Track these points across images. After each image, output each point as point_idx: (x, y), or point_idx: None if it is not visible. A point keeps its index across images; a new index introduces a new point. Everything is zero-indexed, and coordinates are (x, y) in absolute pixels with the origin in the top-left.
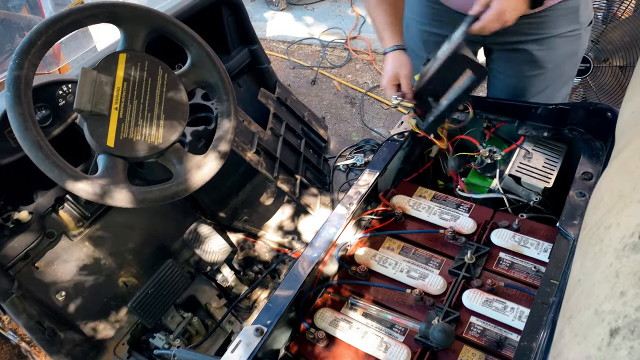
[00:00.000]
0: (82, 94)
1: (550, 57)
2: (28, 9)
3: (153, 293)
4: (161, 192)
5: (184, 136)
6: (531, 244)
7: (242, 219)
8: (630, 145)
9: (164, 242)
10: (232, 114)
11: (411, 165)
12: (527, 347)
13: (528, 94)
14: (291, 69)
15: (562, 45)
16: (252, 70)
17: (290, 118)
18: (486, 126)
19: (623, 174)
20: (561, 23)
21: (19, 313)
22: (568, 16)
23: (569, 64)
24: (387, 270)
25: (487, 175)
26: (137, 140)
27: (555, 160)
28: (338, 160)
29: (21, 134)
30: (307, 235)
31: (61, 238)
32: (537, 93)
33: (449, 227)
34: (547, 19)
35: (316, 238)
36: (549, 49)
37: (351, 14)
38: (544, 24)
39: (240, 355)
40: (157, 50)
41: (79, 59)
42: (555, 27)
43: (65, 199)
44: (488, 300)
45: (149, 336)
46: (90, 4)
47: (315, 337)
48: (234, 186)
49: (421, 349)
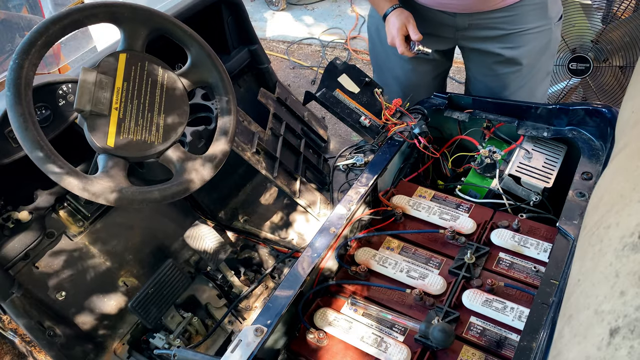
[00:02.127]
0: (82, 94)
1: (522, 54)
2: (28, 9)
3: (153, 293)
4: (161, 192)
5: (184, 136)
6: (531, 244)
7: (242, 219)
8: (630, 145)
9: (164, 242)
10: (232, 113)
11: (411, 165)
12: (527, 347)
13: (507, 92)
14: (291, 69)
15: (533, 40)
16: (252, 70)
17: (290, 118)
18: (486, 126)
19: (623, 174)
20: (530, 19)
21: (19, 313)
22: (536, 11)
23: (543, 59)
24: (387, 270)
25: (487, 175)
26: (137, 140)
27: (555, 160)
28: (338, 160)
29: (21, 134)
30: (307, 235)
31: (61, 238)
32: (516, 90)
33: (448, 227)
34: (515, 16)
35: (316, 238)
36: (520, 45)
37: (351, 13)
38: (513, 20)
39: (240, 355)
40: (157, 50)
41: (79, 59)
42: (524, 22)
43: (65, 199)
44: (488, 300)
45: (149, 336)
46: (90, 3)
47: (315, 337)
48: (234, 186)
49: (421, 348)
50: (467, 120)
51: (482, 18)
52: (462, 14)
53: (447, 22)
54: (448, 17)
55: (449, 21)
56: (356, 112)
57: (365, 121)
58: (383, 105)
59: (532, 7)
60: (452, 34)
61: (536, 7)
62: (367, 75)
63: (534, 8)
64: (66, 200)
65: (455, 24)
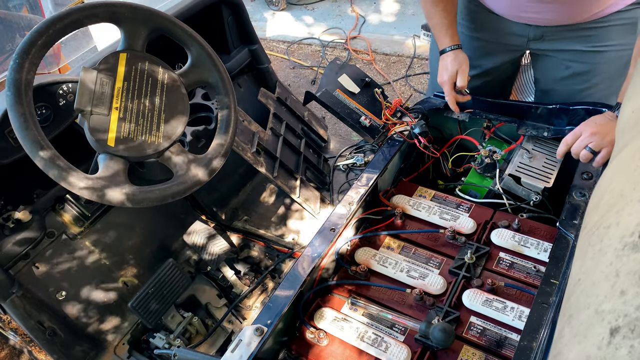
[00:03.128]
0: (82, 94)
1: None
2: (28, 9)
3: (153, 293)
4: (161, 192)
5: (184, 136)
6: (531, 244)
7: (242, 219)
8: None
9: (164, 242)
10: (232, 113)
11: (411, 165)
12: (527, 347)
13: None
14: (291, 68)
15: (613, 59)
16: (252, 70)
17: (290, 118)
18: (486, 126)
19: (623, 173)
20: (613, 36)
21: (19, 313)
22: (623, 28)
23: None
24: (387, 270)
25: (487, 175)
26: (138, 140)
27: (556, 160)
28: (338, 160)
29: (21, 134)
30: (307, 235)
31: (61, 238)
32: None
33: (449, 227)
34: (598, 30)
35: (316, 238)
36: (596, 62)
37: (351, 13)
38: (595, 36)
39: (240, 355)
40: (157, 50)
41: (79, 58)
42: (606, 39)
43: (65, 199)
44: (488, 300)
45: (149, 336)
46: (90, 3)
47: (315, 337)
48: (234, 186)
49: (421, 348)
50: (467, 120)
51: (558, 30)
52: (538, 25)
53: (519, 33)
54: (521, 28)
55: (522, 31)
56: (356, 112)
57: (366, 121)
58: (383, 105)
59: (616, 24)
60: (524, 44)
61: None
62: (367, 76)
63: (620, 25)
64: (66, 200)
65: (528, 34)
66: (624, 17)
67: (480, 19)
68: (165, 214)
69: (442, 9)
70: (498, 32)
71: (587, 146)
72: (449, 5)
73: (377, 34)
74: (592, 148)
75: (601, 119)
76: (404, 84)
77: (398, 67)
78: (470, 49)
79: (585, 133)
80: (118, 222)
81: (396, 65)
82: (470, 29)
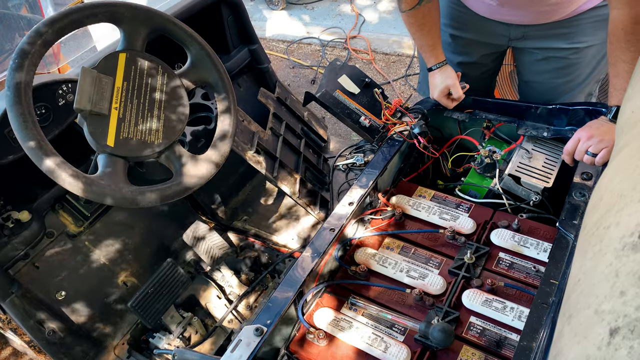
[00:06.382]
0: (82, 94)
1: (578, 65)
2: (28, 9)
3: (153, 293)
4: (161, 192)
5: (184, 136)
6: (531, 244)
7: (242, 219)
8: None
9: (164, 242)
10: (232, 113)
11: (411, 165)
12: (527, 347)
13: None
14: (291, 68)
15: (588, 55)
16: (252, 70)
17: (290, 118)
18: (486, 126)
19: (623, 173)
20: (588, 32)
21: (19, 313)
22: (596, 24)
23: (597, 68)
24: (387, 270)
25: (487, 175)
26: (137, 140)
27: (555, 160)
28: (338, 160)
29: (21, 134)
30: (306, 235)
31: (61, 238)
32: (560, 94)
33: (448, 227)
34: (573, 28)
35: (316, 238)
36: (577, 57)
37: (351, 13)
38: (570, 34)
39: (240, 355)
40: (157, 50)
41: (78, 58)
42: (581, 35)
43: (65, 199)
44: (488, 300)
45: (149, 336)
46: (90, 3)
47: (315, 337)
48: (234, 186)
49: (421, 348)
50: (467, 120)
51: (538, 29)
52: (518, 25)
53: (501, 32)
54: (503, 27)
55: (503, 31)
56: (356, 113)
57: (365, 121)
58: (383, 106)
59: (591, 21)
60: (505, 42)
61: (596, 20)
62: (367, 76)
63: (594, 21)
64: (66, 200)
65: (509, 33)
66: (599, 15)
67: (463, 19)
68: (165, 214)
69: (427, 32)
70: (480, 31)
71: (588, 150)
72: (433, 29)
73: (377, 33)
74: (592, 151)
75: (596, 123)
76: (404, 83)
77: (398, 67)
78: (452, 48)
79: (583, 138)
80: (117, 222)
81: (396, 65)
82: (452, 27)
